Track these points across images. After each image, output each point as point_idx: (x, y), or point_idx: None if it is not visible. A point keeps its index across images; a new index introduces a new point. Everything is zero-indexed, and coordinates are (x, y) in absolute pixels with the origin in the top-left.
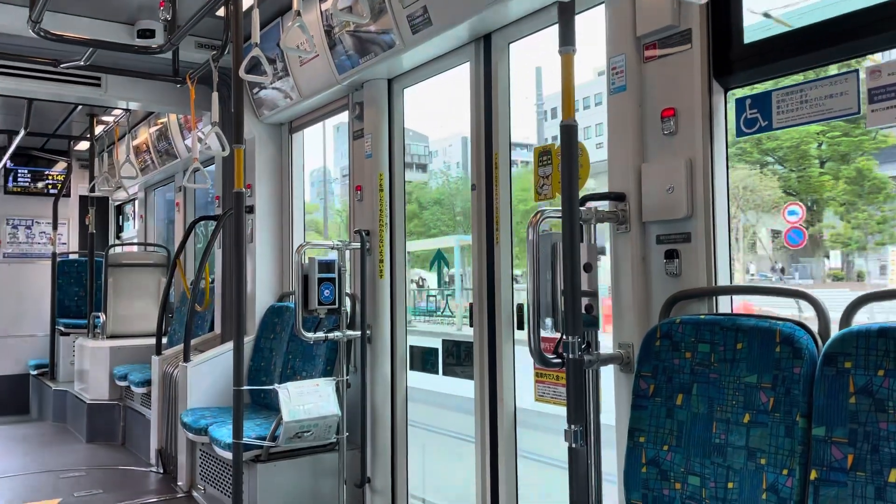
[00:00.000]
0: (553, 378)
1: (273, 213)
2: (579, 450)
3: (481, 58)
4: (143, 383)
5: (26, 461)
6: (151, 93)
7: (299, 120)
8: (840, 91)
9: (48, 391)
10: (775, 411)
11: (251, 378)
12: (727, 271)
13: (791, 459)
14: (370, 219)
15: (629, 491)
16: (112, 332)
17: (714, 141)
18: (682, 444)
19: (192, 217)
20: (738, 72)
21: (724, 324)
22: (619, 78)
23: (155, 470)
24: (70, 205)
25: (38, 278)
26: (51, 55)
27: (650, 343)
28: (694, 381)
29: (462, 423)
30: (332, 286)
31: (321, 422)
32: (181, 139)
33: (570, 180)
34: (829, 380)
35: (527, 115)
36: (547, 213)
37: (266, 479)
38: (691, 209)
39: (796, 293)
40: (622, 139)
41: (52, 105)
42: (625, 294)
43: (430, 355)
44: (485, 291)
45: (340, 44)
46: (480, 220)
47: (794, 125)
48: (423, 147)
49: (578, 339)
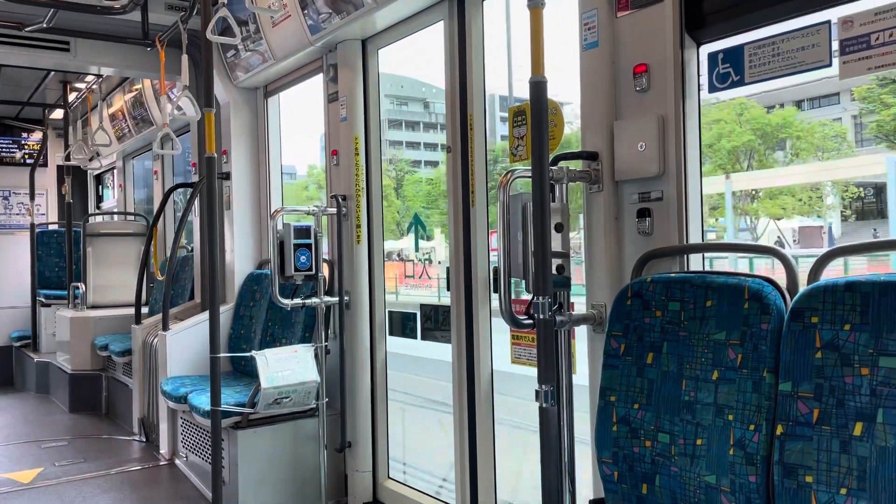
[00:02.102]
0: (529, 340)
1: (251, 179)
2: (550, 409)
3: (455, 16)
4: (124, 353)
5: (8, 432)
6: (123, 57)
7: (274, 84)
8: (812, 43)
9: (30, 362)
10: (743, 367)
11: (231, 346)
12: (699, 230)
13: (758, 415)
14: (347, 183)
15: (600, 449)
16: (93, 303)
17: (686, 97)
18: (652, 402)
19: (170, 185)
20: (710, 25)
21: (694, 281)
22: (591, 34)
23: (137, 439)
24: (48, 174)
25: (17, 250)
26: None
27: (621, 302)
28: (664, 340)
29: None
30: (308, 252)
31: (300, 388)
32: (157, 106)
33: (540, 139)
34: (795, 335)
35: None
36: (517, 173)
37: (246, 445)
38: (663, 167)
39: (765, 249)
40: (595, 97)
41: (23, 72)
42: (597, 254)
43: (409, 320)
44: (461, 256)
45: (312, 3)
46: (456, 184)
47: (767, 79)
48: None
49: (549, 299)
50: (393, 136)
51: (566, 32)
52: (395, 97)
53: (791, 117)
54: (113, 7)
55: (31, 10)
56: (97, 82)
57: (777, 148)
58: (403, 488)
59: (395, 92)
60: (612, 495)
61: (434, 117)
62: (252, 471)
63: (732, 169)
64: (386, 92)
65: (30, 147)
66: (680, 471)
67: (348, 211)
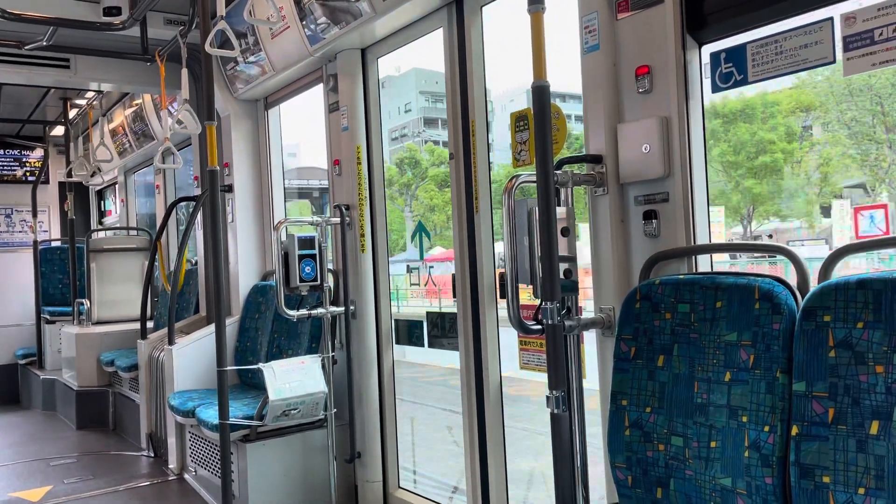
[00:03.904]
0: (537, 346)
1: (253, 191)
2: (561, 415)
3: (454, 23)
4: (131, 368)
5: (16, 450)
6: (122, 73)
7: (274, 95)
8: (815, 40)
9: (36, 380)
10: (755, 368)
11: (238, 358)
12: (706, 230)
13: (772, 416)
14: (349, 193)
15: (613, 454)
16: (98, 318)
17: (689, 98)
18: (664, 405)
19: (172, 199)
20: (711, 24)
21: (703, 283)
22: (591, 37)
23: (146, 454)
24: (49, 191)
25: (20, 267)
26: (14, 38)
27: (630, 305)
28: (674, 342)
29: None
30: (313, 262)
31: (308, 399)
32: (157, 120)
33: (544, 143)
34: (808, 334)
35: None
36: (522, 178)
37: (255, 458)
38: (668, 168)
39: (774, 248)
40: (597, 100)
41: (24, 90)
42: (604, 257)
43: (416, 328)
44: (466, 262)
45: (311, 14)
46: (459, 190)
47: (770, 77)
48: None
49: (557, 304)
50: (429, 134)
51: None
52: (430, 94)
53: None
54: (112, 23)
55: (31, 29)
56: (97, 98)
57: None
58: (414, 497)
59: (431, 88)
60: (626, 500)
61: None
62: (262, 484)
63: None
64: (421, 88)
65: (31, 164)
66: (694, 474)
67: (352, 220)
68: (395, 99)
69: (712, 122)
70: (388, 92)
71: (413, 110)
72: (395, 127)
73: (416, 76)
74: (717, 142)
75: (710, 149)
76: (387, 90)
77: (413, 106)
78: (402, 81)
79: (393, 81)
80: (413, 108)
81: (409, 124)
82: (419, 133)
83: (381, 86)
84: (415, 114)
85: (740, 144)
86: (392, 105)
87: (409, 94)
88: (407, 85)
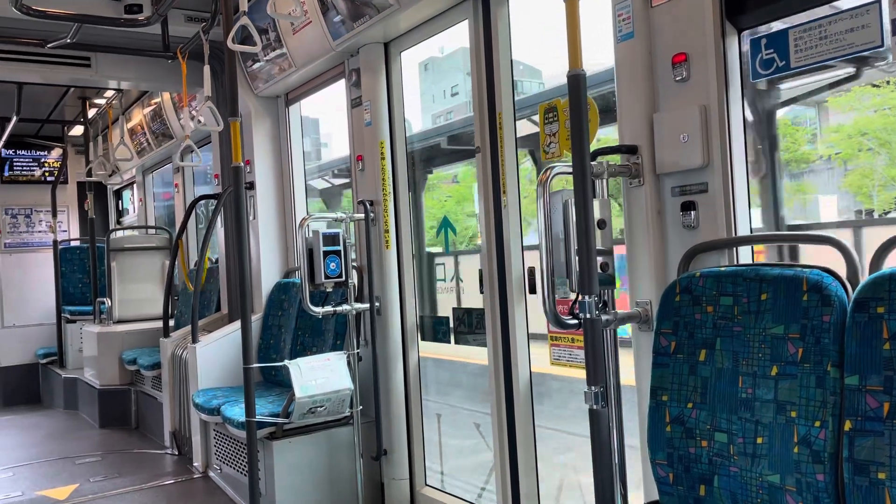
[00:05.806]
0: (568, 341)
1: (274, 188)
2: (600, 411)
3: (480, 14)
4: (153, 366)
5: (41, 449)
6: (143, 71)
7: (295, 91)
8: (862, 24)
9: (58, 379)
10: (805, 362)
11: (261, 356)
12: (747, 221)
13: (823, 411)
14: (373, 188)
15: (654, 451)
16: (119, 317)
17: (729, 85)
18: (707, 400)
19: (192, 197)
20: (751, 10)
21: (746, 274)
22: (626, 25)
23: (170, 452)
24: (68, 191)
25: (40, 267)
26: (37, 36)
27: (669, 298)
28: (717, 336)
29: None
30: (337, 259)
31: (334, 396)
32: (176, 118)
33: (580, 134)
34: (861, 326)
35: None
36: (557, 170)
37: (282, 455)
38: (707, 158)
39: (823, 239)
40: (632, 89)
41: (43, 89)
42: (640, 250)
43: (441, 324)
44: (494, 257)
45: (333, 8)
46: (486, 184)
47: (814, 64)
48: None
49: (595, 298)
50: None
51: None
52: None
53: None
54: (136, 19)
55: (53, 27)
56: (116, 97)
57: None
58: (442, 495)
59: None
60: (667, 497)
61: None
62: (288, 481)
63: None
64: (469, 70)
65: (49, 165)
66: (740, 471)
67: (376, 216)
68: (440, 82)
69: None
70: (429, 75)
71: (461, 93)
72: (439, 112)
73: (464, 56)
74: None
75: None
76: (429, 73)
77: (461, 89)
78: (448, 63)
79: (436, 63)
80: (461, 90)
81: (455, 109)
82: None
83: (424, 68)
84: (462, 97)
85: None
86: (436, 88)
87: (455, 76)
88: (453, 66)
